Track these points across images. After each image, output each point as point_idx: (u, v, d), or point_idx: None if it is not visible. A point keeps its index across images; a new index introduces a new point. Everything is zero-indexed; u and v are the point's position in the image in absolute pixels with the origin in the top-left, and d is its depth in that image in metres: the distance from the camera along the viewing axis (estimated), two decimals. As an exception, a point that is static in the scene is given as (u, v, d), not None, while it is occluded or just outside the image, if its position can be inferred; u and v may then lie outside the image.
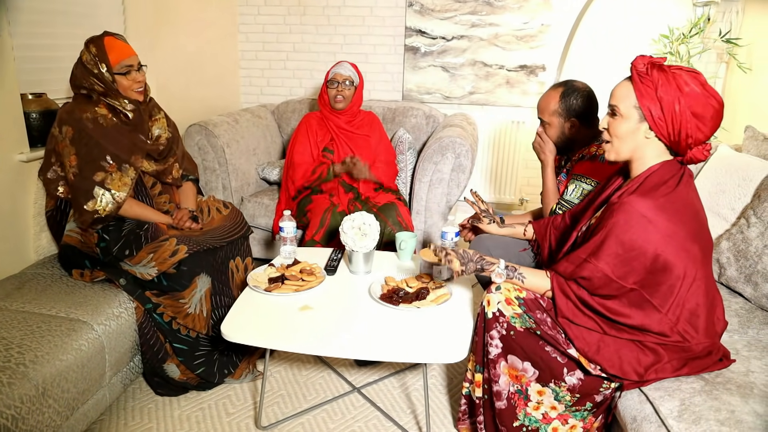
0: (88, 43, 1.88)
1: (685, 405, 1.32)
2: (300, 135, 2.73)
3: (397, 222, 2.47)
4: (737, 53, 3.03)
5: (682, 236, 1.35)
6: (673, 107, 1.33)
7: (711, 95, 1.33)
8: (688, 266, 1.36)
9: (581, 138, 1.91)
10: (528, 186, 3.75)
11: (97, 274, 1.90)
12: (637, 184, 1.40)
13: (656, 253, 1.33)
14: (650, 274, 1.36)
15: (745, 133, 2.29)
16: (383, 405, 1.97)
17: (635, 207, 1.34)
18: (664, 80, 1.33)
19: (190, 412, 1.92)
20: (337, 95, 2.63)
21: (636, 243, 1.34)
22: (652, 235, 1.33)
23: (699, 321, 1.40)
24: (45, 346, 1.52)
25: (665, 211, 1.34)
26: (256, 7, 3.76)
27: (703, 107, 1.33)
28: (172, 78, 3.05)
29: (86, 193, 1.83)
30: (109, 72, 1.87)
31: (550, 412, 1.52)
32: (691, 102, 1.32)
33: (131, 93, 1.94)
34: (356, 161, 2.56)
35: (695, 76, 1.34)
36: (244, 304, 1.74)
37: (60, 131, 1.85)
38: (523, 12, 3.45)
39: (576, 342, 1.43)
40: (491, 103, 3.66)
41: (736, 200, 2.00)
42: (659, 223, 1.33)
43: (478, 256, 1.53)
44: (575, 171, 1.90)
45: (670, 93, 1.33)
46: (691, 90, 1.32)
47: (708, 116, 1.34)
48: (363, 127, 2.77)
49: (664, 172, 1.40)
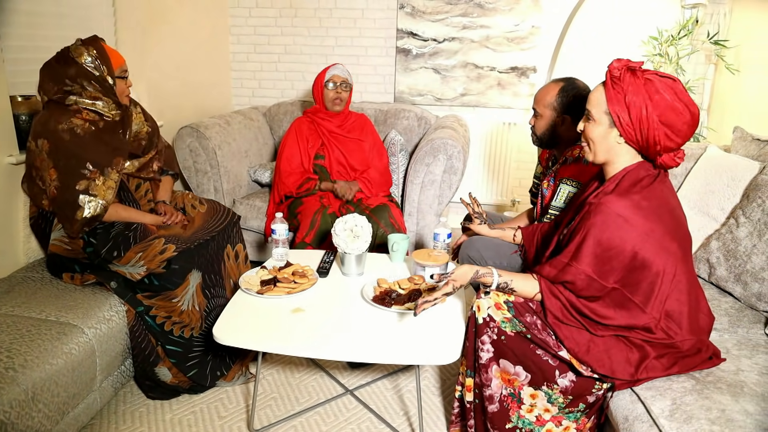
0: (86, 46, 1.85)
1: (676, 404, 1.33)
2: (289, 140, 2.72)
3: (389, 224, 2.48)
4: (725, 55, 3.06)
5: (660, 234, 1.36)
6: (640, 113, 1.34)
7: (682, 103, 1.33)
8: (668, 263, 1.38)
9: (568, 137, 1.91)
10: (519, 187, 3.76)
11: (87, 277, 1.89)
12: (614, 184, 1.42)
13: (634, 251, 1.35)
14: (629, 272, 1.37)
15: (734, 134, 2.31)
16: (376, 407, 1.97)
17: (611, 207, 1.35)
18: (635, 86, 1.34)
19: (181, 415, 1.91)
20: (336, 97, 2.63)
21: (613, 242, 1.35)
22: (629, 234, 1.34)
23: (682, 318, 1.42)
24: (35, 350, 1.51)
25: (642, 210, 1.35)
26: (248, 9, 3.75)
27: (673, 115, 1.33)
28: (164, 80, 3.04)
29: (72, 205, 1.80)
30: (110, 75, 1.87)
31: (544, 414, 1.53)
32: (659, 110, 1.33)
33: (123, 97, 1.96)
34: (338, 187, 2.58)
35: (669, 84, 1.34)
36: (236, 307, 1.73)
37: (36, 145, 1.82)
38: (513, 14, 3.47)
39: (566, 342, 1.43)
40: (483, 104, 3.68)
41: (725, 200, 2.02)
42: (636, 221, 1.34)
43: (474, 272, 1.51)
44: (561, 175, 1.90)
45: (639, 99, 1.33)
46: (660, 98, 1.32)
47: (677, 125, 1.34)
48: (354, 130, 2.76)
49: (639, 171, 1.41)
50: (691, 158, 2.28)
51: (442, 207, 2.71)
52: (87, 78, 1.84)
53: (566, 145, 1.94)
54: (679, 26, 3.10)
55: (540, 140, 1.96)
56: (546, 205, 1.96)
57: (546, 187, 1.98)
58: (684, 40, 3.09)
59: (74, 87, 1.84)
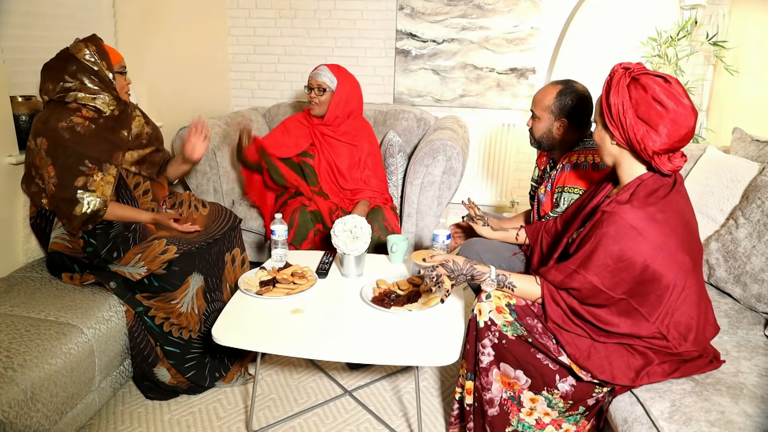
0: (85, 42, 1.87)
1: (675, 406, 1.33)
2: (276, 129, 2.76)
3: (383, 227, 2.47)
4: (724, 56, 3.07)
5: (673, 247, 1.34)
6: (618, 109, 1.33)
7: (665, 99, 1.28)
8: (678, 276, 1.36)
9: (566, 140, 1.90)
10: (519, 188, 3.76)
11: (86, 277, 1.88)
12: (629, 193, 1.38)
13: (645, 264, 1.32)
14: (639, 284, 1.35)
15: (733, 135, 2.31)
16: (375, 408, 1.97)
17: (625, 218, 1.32)
18: (620, 85, 1.33)
19: (180, 416, 1.91)
20: (311, 100, 2.61)
21: (625, 254, 1.32)
22: (642, 247, 1.31)
23: (690, 332, 1.41)
24: (34, 350, 1.50)
25: (656, 222, 1.32)
26: (247, 10, 3.75)
27: (650, 111, 1.29)
28: (163, 81, 3.04)
29: (70, 201, 1.81)
30: (109, 69, 1.89)
31: (544, 418, 1.52)
32: (636, 105, 1.31)
33: (123, 94, 1.98)
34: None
35: (655, 81, 1.30)
36: (235, 308, 1.73)
37: (35, 143, 1.83)
38: (513, 15, 3.47)
39: (567, 348, 1.43)
40: (482, 105, 3.68)
41: (724, 201, 2.02)
42: (649, 234, 1.31)
43: (469, 266, 1.50)
44: (559, 183, 1.88)
45: (619, 96, 1.33)
46: (638, 94, 1.30)
47: (654, 119, 1.29)
48: (347, 134, 2.69)
49: (655, 179, 1.38)
50: (691, 159, 2.28)
51: (442, 208, 2.71)
52: (86, 72, 1.85)
53: (564, 149, 1.93)
54: (678, 27, 3.11)
55: (538, 143, 1.95)
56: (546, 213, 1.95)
57: (543, 193, 1.96)
58: (683, 41, 3.10)
59: (74, 83, 1.85)
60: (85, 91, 1.86)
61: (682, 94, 1.31)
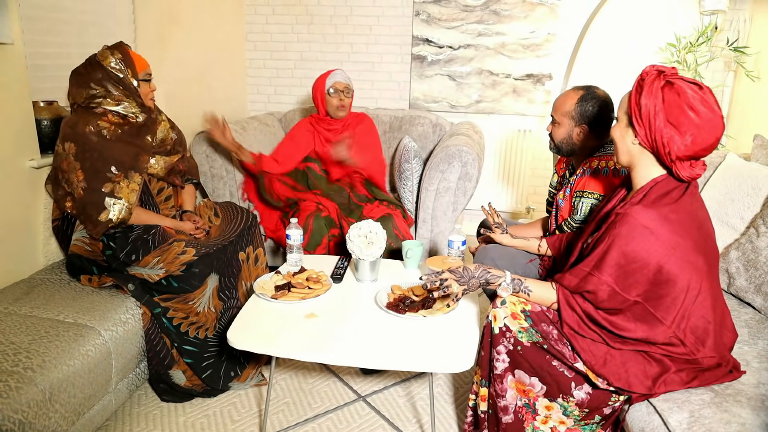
0: (111, 50, 1.91)
1: (694, 417, 1.30)
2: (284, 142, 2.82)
3: (393, 234, 2.47)
4: (745, 62, 3.02)
5: (687, 248, 1.32)
6: (649, 110, 1.31)
7: (698, 105, 1.27)
8: (693, 278, 1.34)
9: (586, 146, 1.89)
10: (535, 195, 3.74)
11: (104, 279, 1.91)
12: (642, 195, 1.38)
13: (659, 264, 1.31)
14: (653, 286, 1.34)
15: (754, 142, 2.27)
16: (388, 414, 1.96)
17: (637, 218, 1.31)
18: (654, 87, 1.31)
19: (195, 418, 1.92)
20: (339, 105, 2.63)
21: (638, 254, 1.31)
22: (655, 247, 1.30)
23: (707, 336, 1.38)
24: (52, 351, 1.53)
25: (669, 222, 1.31)
26: (264, 16, 3.79)
27: (682, 116, 1.28)
28: (181, 86, 3.08)
29: (98, 206, 1.85)
30: (134, 77, 1.92)
31: (559, 426, 1.50)
32: (668, 108, 1.29)
33: (148, 100, 2.01)
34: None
35: (690, 87, 1.29)
36: (250, 311, 1.74)
37: (63, 148, 1.87)
38: (529, 21, 3.46)
39: (582, 354, 1.41)
40: (498, 111, 3.67)
41: (745, 209, 1.99)
42: (662, 234, 1.30)
43: (482, 270, 1.50)
44: (578, 188, 1.87)
45: (652, 98, 1.31)
46: (672, 98, 1.29)
47: (685, 125, 1.28)
48: (348, 129, 2.76)
49: (669, 182, 1.38)
50: (711, 166, 2.25)
51: (457, 214, 2.70)
52: (111, 80, 1.89)
53: (584, 154, 1.91)
54: (697, 33, 3.07)
55: (558, 148, 1.94)
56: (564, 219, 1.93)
57: (562, 198, 1.95)
58: (702, 46, 3.06)
59: (99, 90, 1.89)
60: (109, 97, 1.91)
61: (714, 103, 1.30)
